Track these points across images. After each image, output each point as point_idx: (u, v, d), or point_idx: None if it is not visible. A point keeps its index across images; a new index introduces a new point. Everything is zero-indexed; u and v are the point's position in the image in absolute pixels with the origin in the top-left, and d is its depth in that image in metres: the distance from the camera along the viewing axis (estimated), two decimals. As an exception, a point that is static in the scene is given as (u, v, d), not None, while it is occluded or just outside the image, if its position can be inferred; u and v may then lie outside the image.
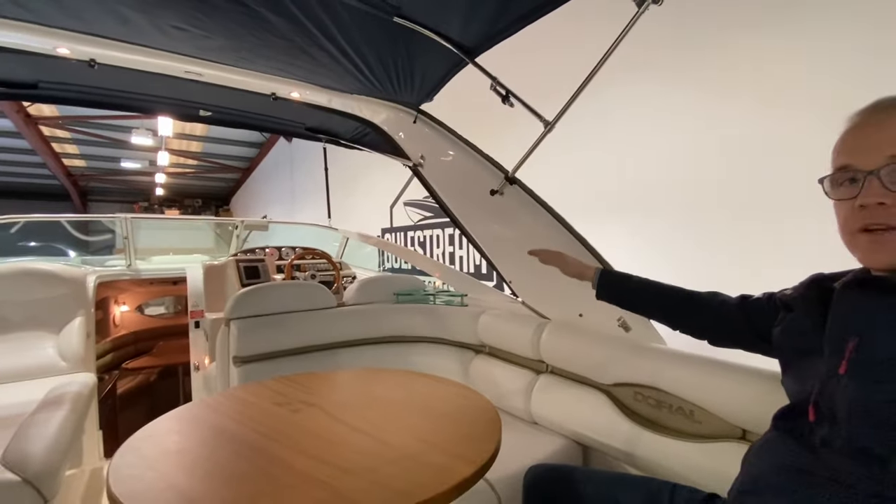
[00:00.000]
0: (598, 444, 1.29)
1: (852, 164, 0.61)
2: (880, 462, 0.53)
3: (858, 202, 0.59)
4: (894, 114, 0.60)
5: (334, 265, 3.21)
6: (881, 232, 0.58)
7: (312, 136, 2.14)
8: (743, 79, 2.45)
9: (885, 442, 0.53)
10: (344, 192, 7.36)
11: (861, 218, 0.59)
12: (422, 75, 1.57)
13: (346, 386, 1.21)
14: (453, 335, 1.94)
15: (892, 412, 0.53)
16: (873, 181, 0.58)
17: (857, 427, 0.56)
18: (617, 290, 1.07)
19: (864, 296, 0.60)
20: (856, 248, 0.62)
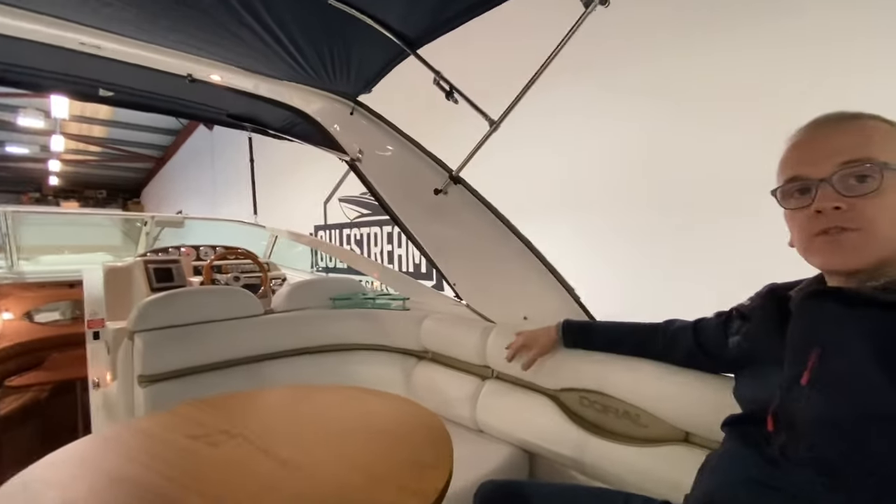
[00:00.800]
0: (546, 452, 1.27)
1: (803, 174, 0.62)
2: (842, 475, 0.53)
3: (814, 207, 0.60)
4: (839, 127, 0.62)
5: (261, 266, 2.98)
6: (837, 233, 0.59)
7: (236, 124, 1.94)
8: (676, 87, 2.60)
9: (846, 454, 0.53)
10: (272, 186, 6.92)
11: (818, 223, 0.61)
12: (359, 64, 1.47)
13: (274, 408, 1.07)
14: (394, 341, 1.85)
15: (853, 424, 0.53)
16: (826, 188, 0.60)
17: (818, 439, 0.56)
18: (580, 341, 1.22)
19: (825, 306, 0.61)
20: (814, 252, 0.63)
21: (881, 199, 0.56)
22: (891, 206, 0.56)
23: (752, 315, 0.78)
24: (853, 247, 0.58)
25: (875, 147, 0.58)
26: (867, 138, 0.59)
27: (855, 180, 0.58)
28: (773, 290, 0.76)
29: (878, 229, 0.57)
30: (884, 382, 0.51)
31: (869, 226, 0.57)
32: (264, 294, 2.93)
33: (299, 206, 6.46)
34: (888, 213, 0.56)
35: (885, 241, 0.57)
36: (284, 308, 1.86)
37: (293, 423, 0.96)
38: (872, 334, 0.54)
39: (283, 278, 3.50)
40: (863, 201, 0.57)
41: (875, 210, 0.57)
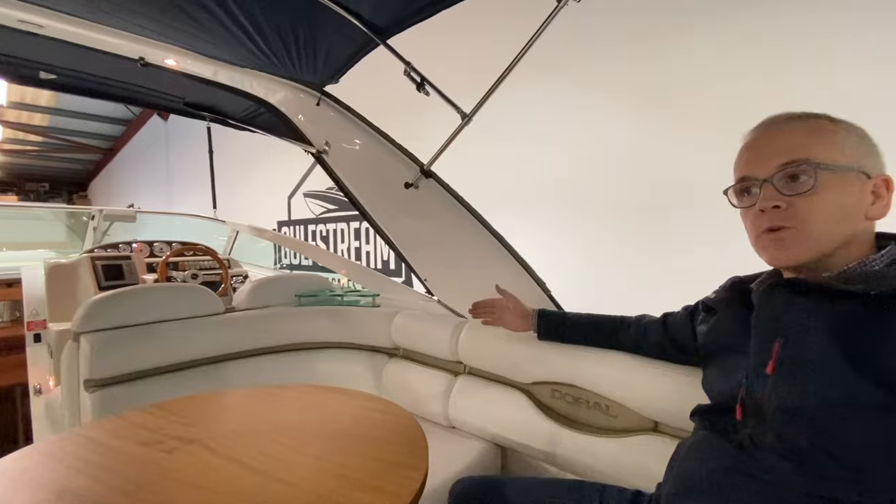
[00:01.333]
0: (518, 446, 1.28)
1: (749, 174, 0.66)
2: (809, 460, 0.55)
3: (758, 207, 0.65)
4: (783, 128, 0.66)
5: (221, 263, 2.84)
6: (780, 231, 0.63)
7: (193, 113, 1.83)
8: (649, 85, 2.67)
9: (812, 439, 0.55)
10: (233, 179, 6.66)
11: (763, 221, 0.65)
12: (326, 53, 1.42)
13: (236, 411, 1.02)
14: (364, 338, 1.80)
15: (818, 410, 0.55)
16: (768, 188, 0.64)
17: (784, 426, 0.58)
18: (555, 331, 1.20)
19: (785, 297, 0.63)
20: (762, 249, 0.67)
21: (816, 198, 0.60)
22: (826, 203, 0.60)
23: (717, 307, 0.80)
24: (792, 242, 0.62)
25: (813, 148, 0.61)
26: (807, 139, 0.62)
27: (792, 180, 0.61)
28: (735, 283, 0.79)
29: (812, 225, 0.60)
30: (843, 369, 0.53)
31: (804, 223, 0.61)
32: (225, 292, 2.81)
33: (262, 200, 6.24)
34: (823, 210, 0.60)
35: (821, 235, 0.61)
36: (247, 306, 1.78)
37: (257, 426, 0.91)
38: (830, 323, 0.56)
39: (245, 275, 3.37)
40: (799, 200, 0.61)
41: (810, 208, 0.60)
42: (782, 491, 0.56)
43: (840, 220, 0.61)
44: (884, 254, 0.60)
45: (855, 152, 0.61)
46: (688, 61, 2.49)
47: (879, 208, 0.62)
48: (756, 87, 2.20)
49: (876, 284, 0.55)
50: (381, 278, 2.23)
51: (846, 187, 0.61)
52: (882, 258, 0.60)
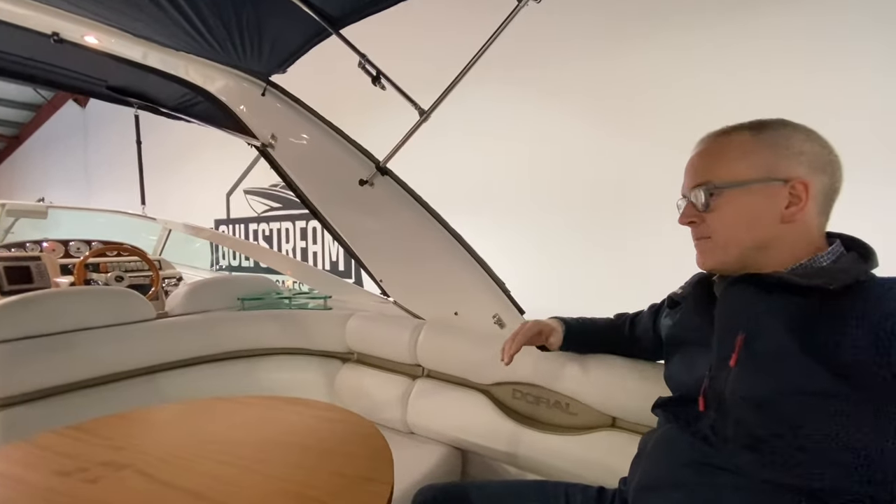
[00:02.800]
0: (479, 448, 1.26)
1: (682, 191, 0.75)
2: (769, 449, 0.57)
3: (679, 221, 0.74)
4: (703, 148, 0.72)
5: (151, 264, 2.61)
6: (700, 241, 0.72)
7: (118, 98, 1.65)
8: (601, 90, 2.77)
9: (772, 429, 0.57)
10: (165, 173, 6.15)
11: (692, 233, 0.74)
12: (273, 41, 1.32)
13: (174, 428, 0.91)
14: (315, 343, 1.71)
15: (778, 401, 0.57)
16: (687, 204, 0.73)
17: (746, 416, 0.60)
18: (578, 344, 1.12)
19: (746, 292, 0.66)
20: (696, 255, 0.74)
21: (719, 212, 0.68)
22: (728, 216, 0.68)
23: (683, 301, 0.83)
24: (708, 251, 0.71)
25: (718, 169, 0.69)
26: (715, 160, 0.70)
27: (700, 199, 0.70)
28: (700, 279, 0.82)
29: (719, 235, 0.69)
30: (801, 361, 0.56)
31: (714, 234, 0.70)
32: (156, 295, 2.57)
33: (197, 197, 5.82)
34: (727, 222, 0.68)
35: (728, 242, 0.68)
36: (182, 311, 1.63)
37: (200, 445, 0.82)
38: (789, 317, 0.59)
39: (179, 277, 3.12)
40: (707, 215, 0.70)
41: (715, 222, 0.69)
42: (745, 480, 0.58)
43: (746, 227, 0.67)
44: (830, 251, 0.64)
45: (765, 163, 0.66)
46: (643, 63, 2.61)
47: (795, 211, 0.65)
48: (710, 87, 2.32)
49: (829, 280, 0.58)
50: (331, 279, 2.14)
51: (750, 198, 0.66)
52: (829, 255, 0.64)
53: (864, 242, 0.66)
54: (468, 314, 1.44)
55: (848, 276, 0.57)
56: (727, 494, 0.59)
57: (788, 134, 0.66)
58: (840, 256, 0.64)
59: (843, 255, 0.65)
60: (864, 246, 0.65)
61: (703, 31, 2.43)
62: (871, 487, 0.52)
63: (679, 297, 0.85)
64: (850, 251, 0.65)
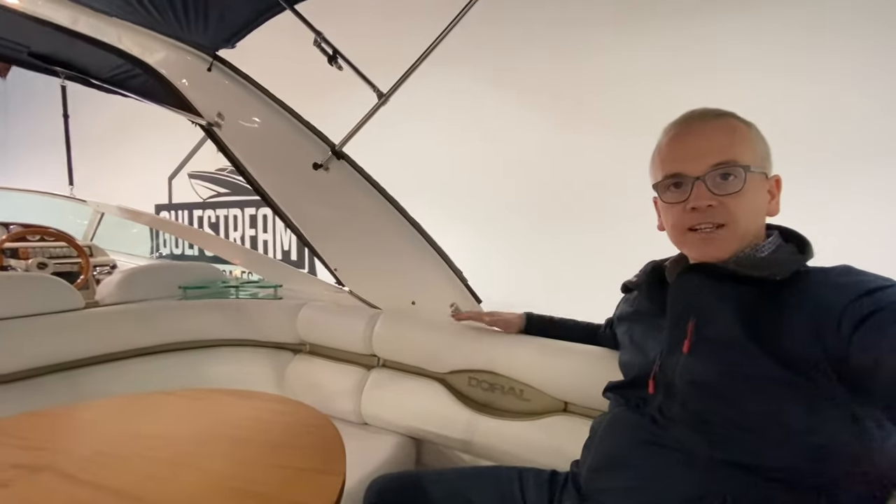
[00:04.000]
0: (434, 437, 1.25)
1: (681, 171, 0.67)
2: (714, 429, 0.60)
3: (690, 205, 0.66)
4: (710, 125, 0.68)
5: (80, 250, 2.41)
6: (710, 230, 0.66)
7: (43, 66, 1.49)
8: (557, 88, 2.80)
9: (717, 411, 0.60)
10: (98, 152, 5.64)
11: (691, 219, 0.67)
12: (220, 13, 1.24)
13: (103, 426, 0.84)
14: (264, 334, 1.63)
15: (723, 384, 0.60)
16: (701, 186, 0.65)
17: (693, 399, 0.62)
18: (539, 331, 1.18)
19: (697, 281, 0.68)
20: (687, 245, 0.71)
21: (743, 198, 0.64)
22: (750, 202, 0.65)
23: (637, 288, 0.85)
24: (722, 239, 0.66)
25: (738, 149, 0.65)
26: (732, 139, 0.66)
27: (723, 179, 0.64)
28: (655, 266, 0.84)
29: (739, 223, 0.65)
30: (747, 347, 0.59)
31: (733, 221, 0.64)
32: (85, 285, 2.37)
33: (135, 180, 5.40)
34: (748, 209, 0.65)
35: (745, 231, 0.66)
36: (116, 300, 1.51)
37: (132, 442, 0.75)
38: (738, 305, 0.62)
39: (113, 265, 2.90)
40: (729, 199, 0.64)
41: (738, 207, 0.64)
42: (692, 458, 0.61)
43: (756, 217, 0.66)
44: (770, 242, 0.68)
45: (762, 154, 0.67)
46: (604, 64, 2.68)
47: (774, 206, 0.69)
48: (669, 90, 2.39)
49: (773, 272, 0.61)
50: (283, 268, 2.05)
51: (760, 187, 0.66)
52: (769, 245, 0.68)
53: (800, 234, 0.70)
54: (425, 303, 1.42)
55: (788, 267, 0.61)
56: (676, 472, 0.62)
57: (759, 131, 0.69)
58: (779, 247, 0.68)
59: (781, 245, 0.68)
60: (801, 238, 0.69)
61: (660, 34, 2.53)
62: (822, 468, 0.55)
63: (633, 284, 0.87)
64: (788, 243, 0.69)
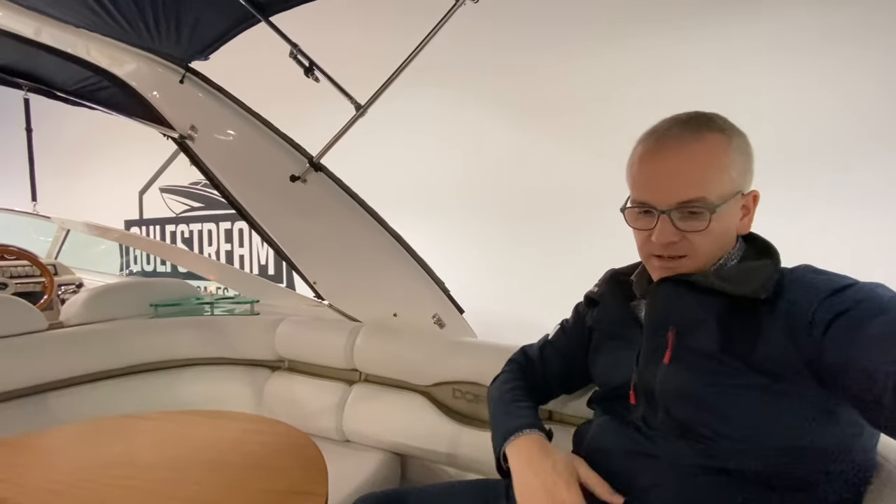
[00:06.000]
0: (419, 451, 1.23)
1: (648, 201, 0.66)
2: (699, 437, 0.60)
3: (653, 238, 0.65)
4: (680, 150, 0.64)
5: (43, 269, 2.31)
6: (670, 259, 0.66)
7: (4, 78, 1.44)
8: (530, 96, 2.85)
9: (701, 420, 0.60)
10: (63, 167, 5.43)
11: (654, 248, 0.67)
12: (193, 24, 1.22)
13: (67, 454, 0.79)
14: (241, 352, 1.58)
15: (707, 394, 0.60)
16: (665, 220, 0.64)
17: (677, 408, 0.63)
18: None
19: (676, 292, 0.68)
20: (650, 267, 0.71)
21: (708, 234, 0.64)
22: (715, 232, 0.64)
23: (601, 299, 0.84)
24: (683, 266, 0.66)
25: (709, 184, 0.62)
26: (704, 172, 0.63)
27: (689, 216, 0.63)
28: (613, 276, 0.84)
29: (700, 255, 0.65)
30: (728, 358, 0.59)
31: (695, 253, 0.65)
32: (49, 305, 2.27)
33: (104, 195, 5.22)
34: (712, 241, 0.65)
35: (706, 258, 0.66)
36: (81, 320, 1.45)
37: (100, 470, 0.71)
38: (716, 317, 0.63)
39: (79, 284, 2.78)
40: (693, 235, 0.64)
41: (701, 241, 0.64)
42: (678, 466, 0.61)
43: (721, 242, 0.66)
44: (736, 249, 0.69)
45: (738, 174, 0.64)
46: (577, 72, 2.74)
47: (746, 223, 0.68)
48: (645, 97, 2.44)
49: (752, 286, 0.61)
50: (259, 282, 2.00)
51: (730, 213, 0.65)
52: (736, 252, 0.69)
53: (758, 235, 0.70)
54: (407, 315, 1.41)
55: (770, 283, 0.60)
56: (664, 480, 0.62)
57: (746, 140, 0.66)
58: (744, 253, 0.69)
59: (745, 250, 0.69)
60: (760, 239, 0.70)
61: (635, 41, 2.61)
62: (805, 468, 0.55)
63: (596, 295, 0.85)
64: (747, 244, 0.70)
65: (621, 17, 2.61)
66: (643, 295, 0.75)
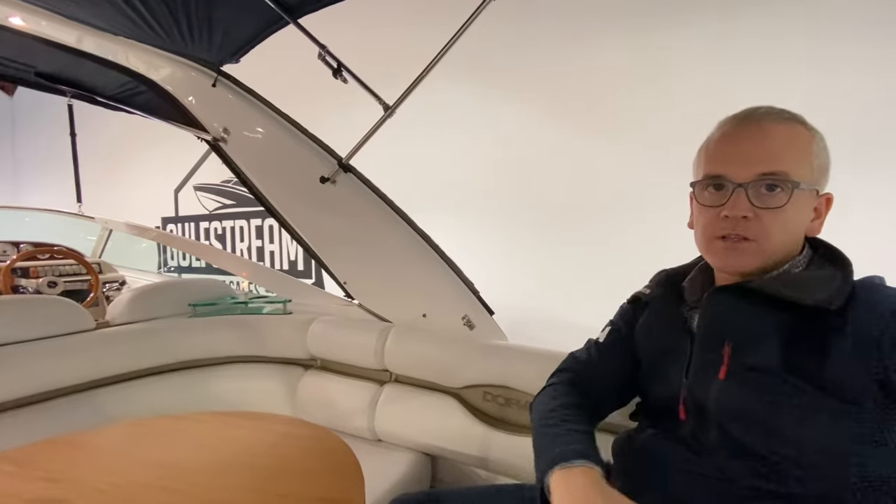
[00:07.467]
0: (449, 453, 1.23)
1: (725, 174, 0.62)
2: (757, 458, 0.57)
3: (724, 212, 0.61)
4: (765, 129, 0.62)
5: (89, 267, 2.42)
6: (738, 241, 0.61)
7: (49, 86, 1.50)
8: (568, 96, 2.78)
9: (761, 440, 0.57)
10: (105, 169, 5.69)
11: (722, 227, 0.62)
12: (225, 29, 1.24)
13: (116, 454, 0.82)
14: (275, 350, 1.62)
15: (767, 413, 0.57)
16: (741, 194, 0.60)
17: (734, 427, 0.59)
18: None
19: (734, 302, 0.64)
20: (711, 252, 0.66)
21: (783, 215, 0.60)
22: (789, 220, 0.60)
23: (652, 302, 0.79)
24: (748, 254, 0.61)
25: (793, 161, 0.60)
26: (788, 149, 0.60)
27: (768, 191, 0.59)
28: (666, 277, 0.79)
29: (772, 240, 0.60)
30: (791, 376, 0.56)
31: (765, 237, 0.60)
32: (95, 302, 2.38)
33: (142, 194, 5.44)
34: (784, 226, 0.61)
35: (776, 248, 0.61)
36: (126, 319, 1.51)
37: (145, 473, 0.74)
38: (777, 330, 0.59)
39: (122, 281, 2.91)
40: (767, 213, 0.59)
41: (775, 223, 0.60)
42: (728, 486, 0.58)
43: (793, 234, 0.62)
44: (803, 256, 0.64)
45: (819, 169, 0.62)
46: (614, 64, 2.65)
47: (817, 225, 0.64)
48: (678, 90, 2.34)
49: (821, 295, 0.57)
50: (291, 281, 2.04)
51: (805, 204, 0.61)
52: (802, 259, 0.64)
53: (828, 243, 0.66)
54: (437, 316, 1.40)
55: (841, 292, 0.56)
56: (716, 501, 0.59)
57: (825, 142, 0.63)
58: (810, 261, 0.64)
59: (812, 259, 0.65)
60: (830, 247, 0.65)
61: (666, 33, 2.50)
62: (869, 499, 0.52)
63: (647, 297, 0.80)
64: (816, 253, 0.65)
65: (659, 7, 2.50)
66: (697, 303, 0.70)
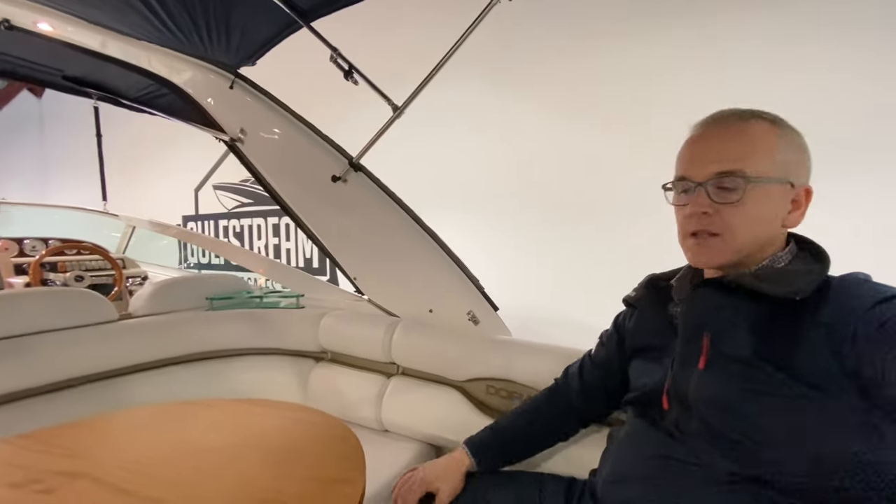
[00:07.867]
0: (453, 445, 1.24)
1: (687, 175, 0.67)
2: (733, 444, 0.59)
3: (688, 211, 0.66)
4: (725, 131, 0.66)
5: (113, 262, 2.52)
6: (707, 237, 0.65)
7: (75, 89, 1.57)
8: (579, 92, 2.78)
9: (736, 427, 0.59)
10: (128, 168, 5.87)
11: (691, 224, 0.67)
12: (241, 32, 1.29)
13: (135, 435, 0.88)
14: (288, 343, 1.67)
15: (743, 401, 0.59)
16: (701, 192, 0.65)
17: (710, 414, 0.61)
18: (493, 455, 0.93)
19: (714, 296, 0.67)
20: (686, 248, 0.70)
21: (742, 208, 0.63)
22: (749, 213, 0.63)
23: (638, 304, 0.83)
24: (715, 248, 0.65)
25: (748, 159, 0.63)
26: (744, 148, 0.64)
27: (723, 189, 0.63)
28: (652, 280, 0.82)
29: (737, 234, 0.64)
30: (765, 365, 0.58)
31: (728, 231, 0.64)
32: (119, 296, 2.48)
33: (163, 193, 5.60)
34: (746, 220, 0.63)
35: (742, 241, 0.64)
36: (148, 311, 1.57)
37: (162, 451, 0.79)
38: (753, 322, 0.61)
39: (144, 276, 3.01)
40: (726, 208, 0.63)
41: (735, 217, 0.63)
42: (710, 473, 0.60)
43: (760, 227, 0.64)
44: (788, 251, 0.66)
45: (786, 163, 0.64)
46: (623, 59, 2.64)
47: (796, 217, 0.66)
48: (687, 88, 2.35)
49: (790, 287, 0.59)
50: (304, 277, 2.10)
51: (770, 197, 0.63)
52: (787, 255, 0.66)
53: (814, 242, 0.68)
54: (442, 311, 1.44)
55: (809, 285, 0.59)
56: (694, 487, 0.61)
57: (800, 136, 0.66)
58: (795, 257, 0.66)
59: (797, 255, 0.67)
60: (815, 245, 0.68)
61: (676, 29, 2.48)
62: (842, 482, 0.53)
63: (633, 299, 0.84)
64: (802, 251, 0.67)
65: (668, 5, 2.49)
66: (682, 299, 0.73)
